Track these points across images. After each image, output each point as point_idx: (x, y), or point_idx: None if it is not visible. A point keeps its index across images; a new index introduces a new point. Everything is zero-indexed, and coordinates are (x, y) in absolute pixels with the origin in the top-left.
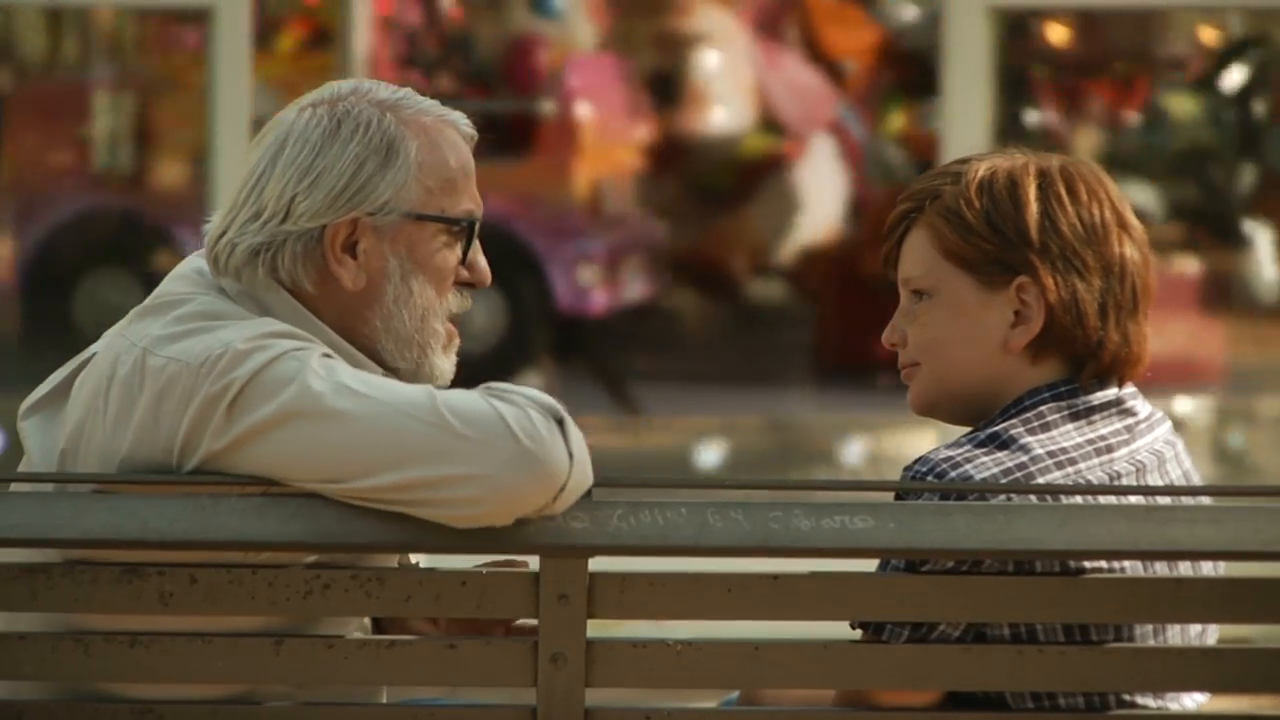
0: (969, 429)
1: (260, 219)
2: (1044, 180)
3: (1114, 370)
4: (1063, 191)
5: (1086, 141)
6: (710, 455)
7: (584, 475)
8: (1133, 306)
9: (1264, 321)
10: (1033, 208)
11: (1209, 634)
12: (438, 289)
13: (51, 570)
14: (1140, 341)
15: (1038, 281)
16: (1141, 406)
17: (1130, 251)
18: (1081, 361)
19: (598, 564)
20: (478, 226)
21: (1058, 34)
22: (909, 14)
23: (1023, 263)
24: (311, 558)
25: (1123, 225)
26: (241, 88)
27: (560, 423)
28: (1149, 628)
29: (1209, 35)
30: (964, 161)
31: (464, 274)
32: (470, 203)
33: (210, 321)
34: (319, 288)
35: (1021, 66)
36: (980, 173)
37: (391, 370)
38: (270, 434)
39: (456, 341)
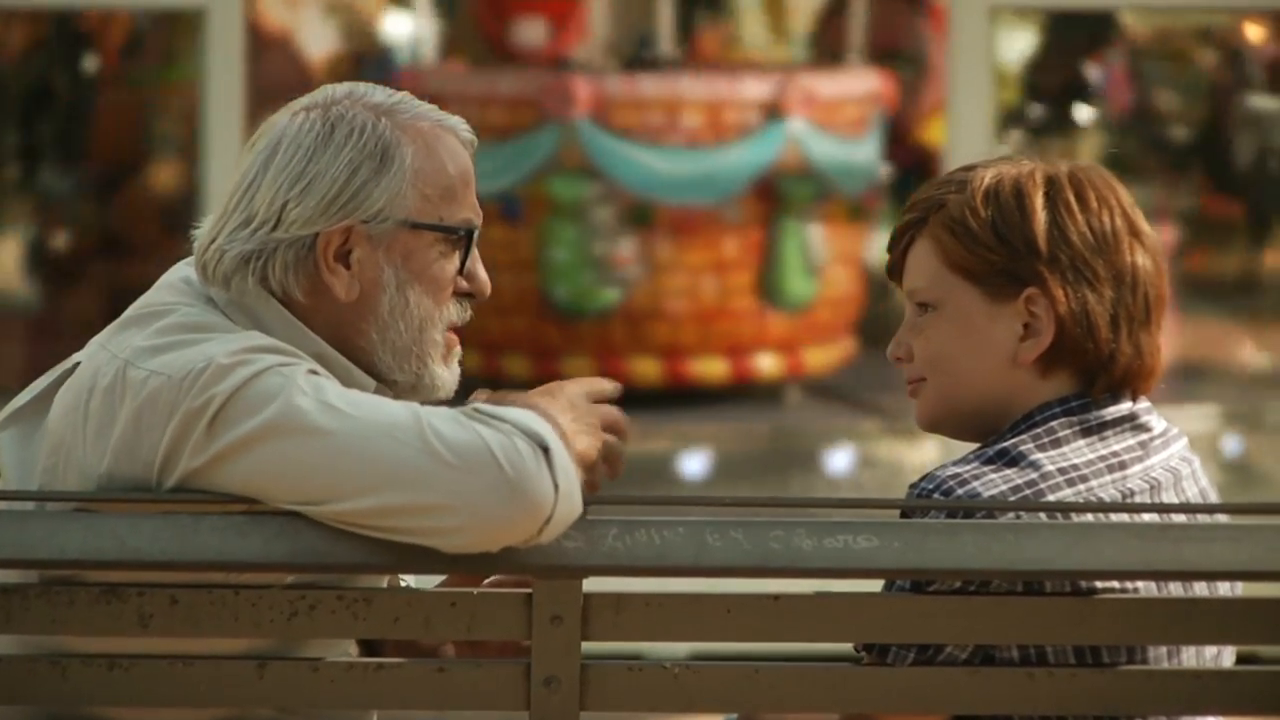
0: (976, 445)
1: (251, 226)
2: (1051, 188)
3: (1126, 383)
4: (1071, 199)
5: None
6: None
7: (571, 506)
8: (1145, 317)
9: None
10: (1040, 216)
11: (1224, 656)
12: (435, 299)
13: (28, 591)
14: (1153, 353)
15: (1047, 293)
16: (1156, 422)
17: (1142, 260)
18: (1093, 375)
19: (592, 584)
20: (476, 235)
21: None
22: None
23: (1031, 274)
24: (296, 578)
25: (1134, 233)
26: (234, 89)
27: (546, 451)
28: (1163, 650)
29: None
30: (969, 169)
31: (463, 284)
32: (469, 211)
33: (194, 334)
34: (311, 298)
35: None
36: (986, 181)
37: (389, 383)
38: (250, 451)
39: (458, 351)
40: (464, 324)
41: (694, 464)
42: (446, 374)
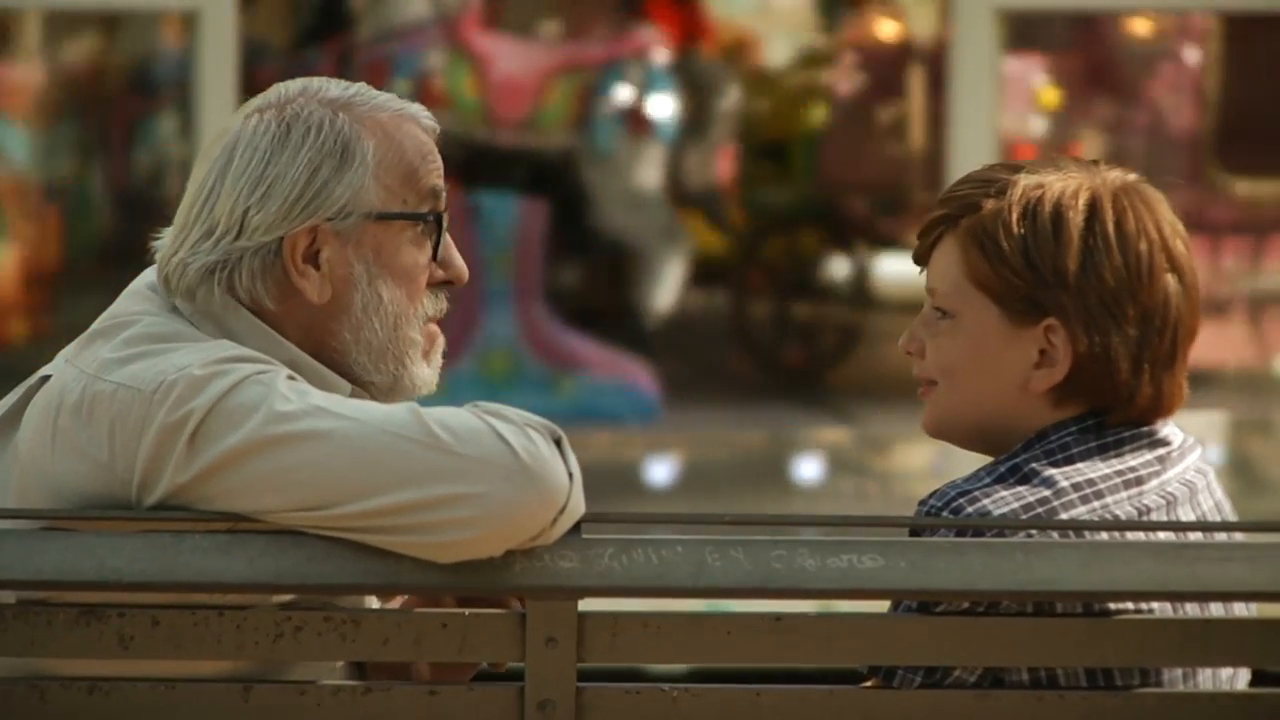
0: (987, 461)
1: (213, 237)
2: (1092, 213)
3: (1144, 420)
4: (1110, 229)
5: None
6: None
7: (580, 498)
8: (1170, 358)
9: None
10: (1075, 247)
11: (1239, 678)
12: (409, 291)
13: (4, 612)
14: (1174, 393)
15: (1068, 327)
16: (1174, 434)
17: (1175, 294)
18: (1109, 409)
19: (588, 604)
20: (446, 220)
21: None
22: None
23: (1055, 305)
24: (282, 598)
25: (1171, 264)
26: (228, 91)
27: (558, 442)
28: (1177, 672)
29: None
30: (1014, 170)
31: (438, 273)
32: (436, 181)
33: (160, 344)
34: (282, 304)
35: None
36: (1026, 193)
37: (366, 384)
38: (241, 463)
39: (441, 343)
40: (442, 315)
41: None
42: (427, 372)
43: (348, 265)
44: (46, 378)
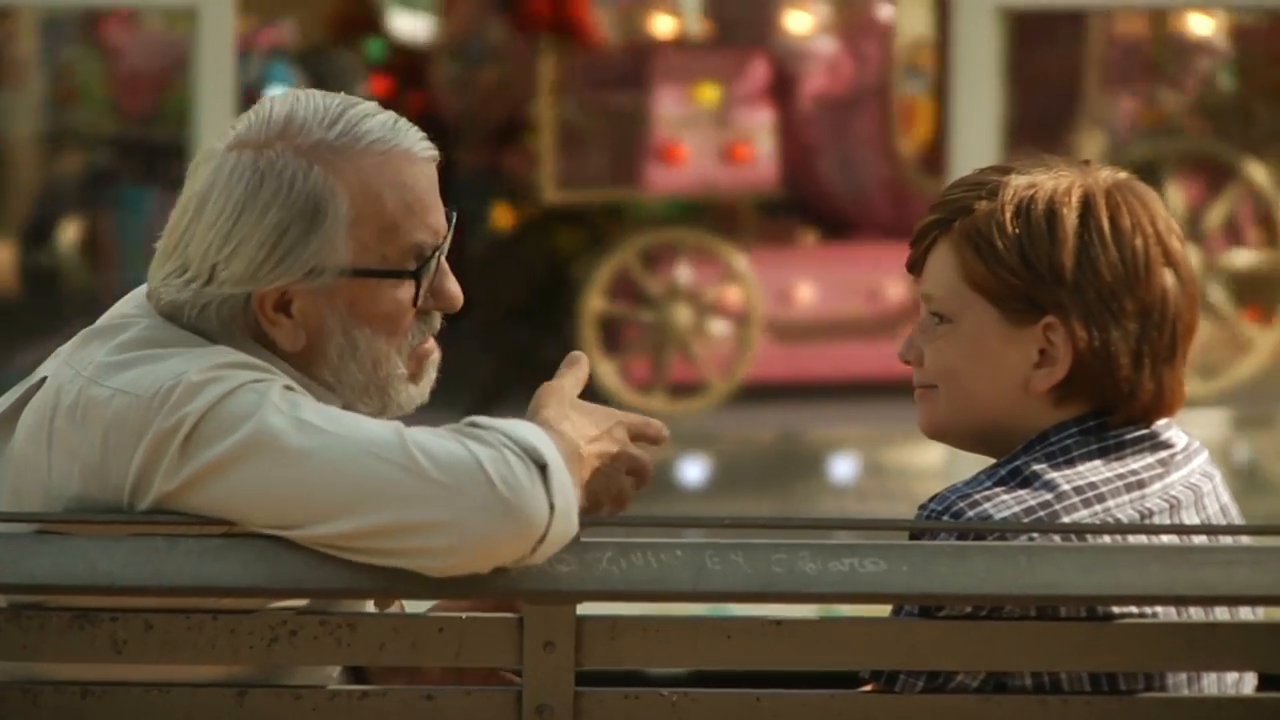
0: (988, 464)
1: (185, 276)
2: (1086, 209)
3: (1146, 417)
4: (1105, 225)
5: None
6: None
7: (567, 526)
8: (1170, 353)
9: None
10: (1070, 244)
11: (1245, 682)
12: (389, 335)
13: None
14: (1175, 389)
15: (1066, 324)
16: (1177, 437)
17: (1173, 290)
18: (1110, 407)
19: (587, 608)
20: (434, 260)
21: None
22: None
23: (1053, 302)
24: (277, 603)
25: (1168, 260)
26: (226, 89)
27: (543, 469)
28: (1182, 676)
29: None
30: (1004, 172)
31: (429, 303)
32: (418, 236)
33: (157, 349)
34: (254, 344)
35: None
36: (1019, 193)
37: (349, 407)
38: (225, 473)
39: (434, 359)
40: (435, 333)
41: None
42: (414, 390)
43: (320, 317)
44: (45, 379)
